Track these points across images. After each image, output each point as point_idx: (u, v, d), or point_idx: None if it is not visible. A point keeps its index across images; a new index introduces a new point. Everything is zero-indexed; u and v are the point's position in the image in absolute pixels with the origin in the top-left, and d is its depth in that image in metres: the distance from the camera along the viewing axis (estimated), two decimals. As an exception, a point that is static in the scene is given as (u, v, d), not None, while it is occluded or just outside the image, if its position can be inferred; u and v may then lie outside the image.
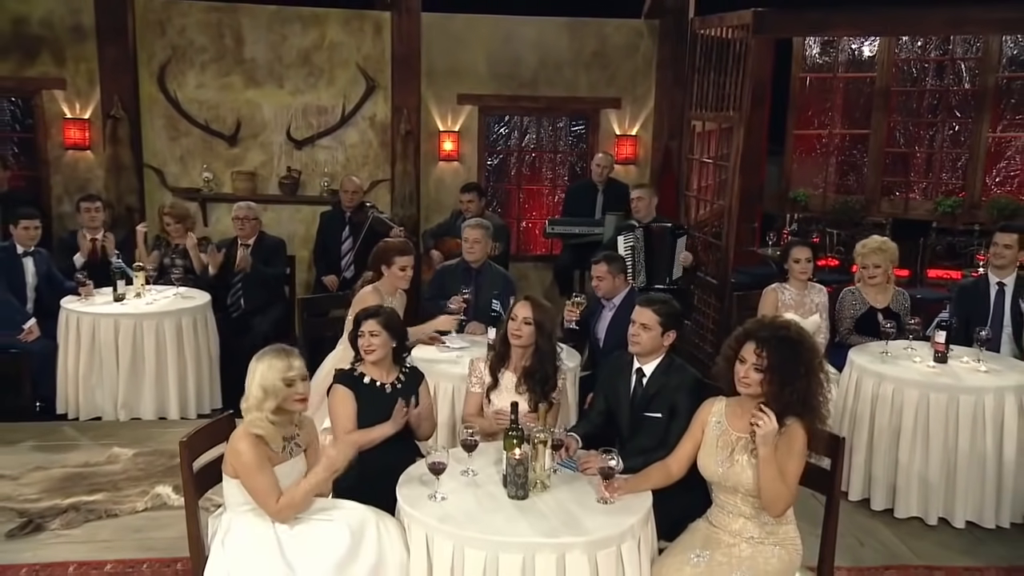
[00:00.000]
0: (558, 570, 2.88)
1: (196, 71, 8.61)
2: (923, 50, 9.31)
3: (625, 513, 3.11)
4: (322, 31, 8.64)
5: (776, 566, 3.23)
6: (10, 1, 8.40)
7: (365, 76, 8.65)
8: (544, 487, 3.26)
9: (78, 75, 8.52)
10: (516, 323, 3.94)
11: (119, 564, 4.19)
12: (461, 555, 2.91)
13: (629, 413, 3.84)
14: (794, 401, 3.15)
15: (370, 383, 3.80)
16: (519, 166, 9.39)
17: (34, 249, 6.43)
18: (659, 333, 3.80)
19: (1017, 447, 4.79)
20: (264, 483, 3.10)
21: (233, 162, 8.72)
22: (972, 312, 5.67)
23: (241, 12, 8.58)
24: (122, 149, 8.40)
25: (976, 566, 4.48)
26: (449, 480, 3.28)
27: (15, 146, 8.85)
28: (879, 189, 9.57)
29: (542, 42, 8.86)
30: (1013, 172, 9.09)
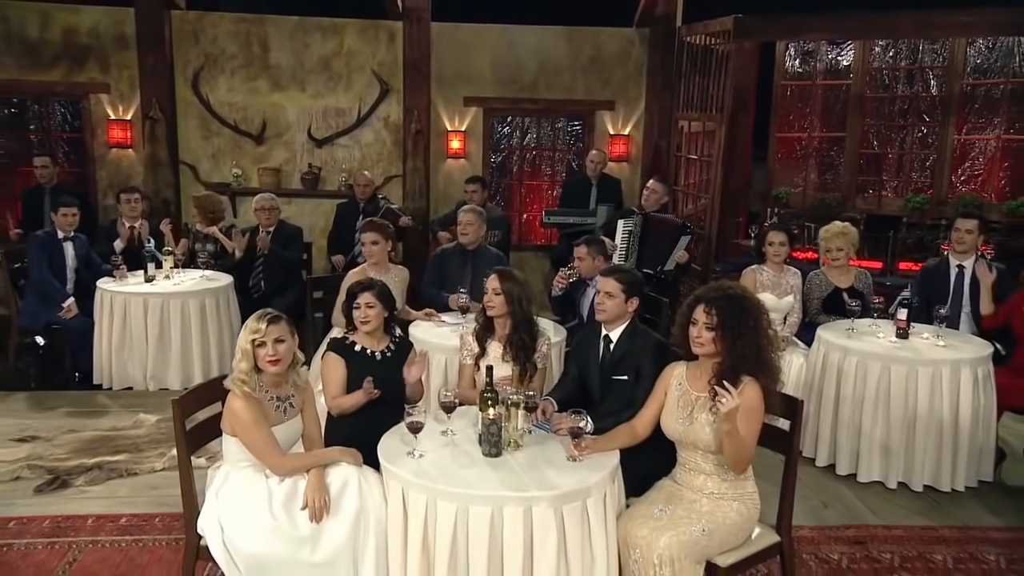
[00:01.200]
0: (525, 522, 2.76)
1: (226, 76, 8.57)
2: (894, 59, 9.15)
3: (592, 470, 2.98)
4: (340, 39, 8.58)
5: (735, 519, 3.11)
6: (61, 13, 8.40)
7: (379, 80, 8.59)
8: (517, 446, 3.15)
9: (121, 80, 8.50)
10: (488, 295, 3.86)
11: (134, 517, 4.11)
12: (434, 507, 2.80)
13: (599, 377, 3.72)
14: (747, 355, 3.04)
15: (361, 351, 3.68)
16: (520, 163, 9.28)
17: (73, 234, 6.35)
18: (623, 300, 3.69)
19: (972, 416, 4.65)
20: (261, 439, 3.01)
21: (259, 159, 8.68)
22: (934, 292, 5.52)
23: (267, 22, 8.54)
24: (159, 147, 8.38)
25: (931, 525, 4.33)
26: (428, 439, 3.18)
27: (65, 145, 8.82)
28: (854, 187, 9.42)
29: (542, 49, 8.76)
30: (976, 171, 8.93)
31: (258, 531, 2.90)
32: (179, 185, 8.46)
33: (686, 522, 3.02)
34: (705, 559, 3.04)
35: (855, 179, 9.40)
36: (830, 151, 9.72)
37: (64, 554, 3.78)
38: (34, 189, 7.63)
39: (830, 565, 3.90)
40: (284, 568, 2.89)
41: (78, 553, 3.78)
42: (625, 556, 3.01)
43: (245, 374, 3.05)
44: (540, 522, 2.77)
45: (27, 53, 8.41)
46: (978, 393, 4.66)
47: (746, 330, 3.05)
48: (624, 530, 3.02)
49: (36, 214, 7.41)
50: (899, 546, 4.09)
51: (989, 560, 3.98)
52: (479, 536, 2.75)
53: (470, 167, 8.73)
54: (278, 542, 2.88)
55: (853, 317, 5.10)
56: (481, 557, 2.75)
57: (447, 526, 2.77)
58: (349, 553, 2.96)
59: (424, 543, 2.82)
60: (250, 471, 3.06)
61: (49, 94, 8.64)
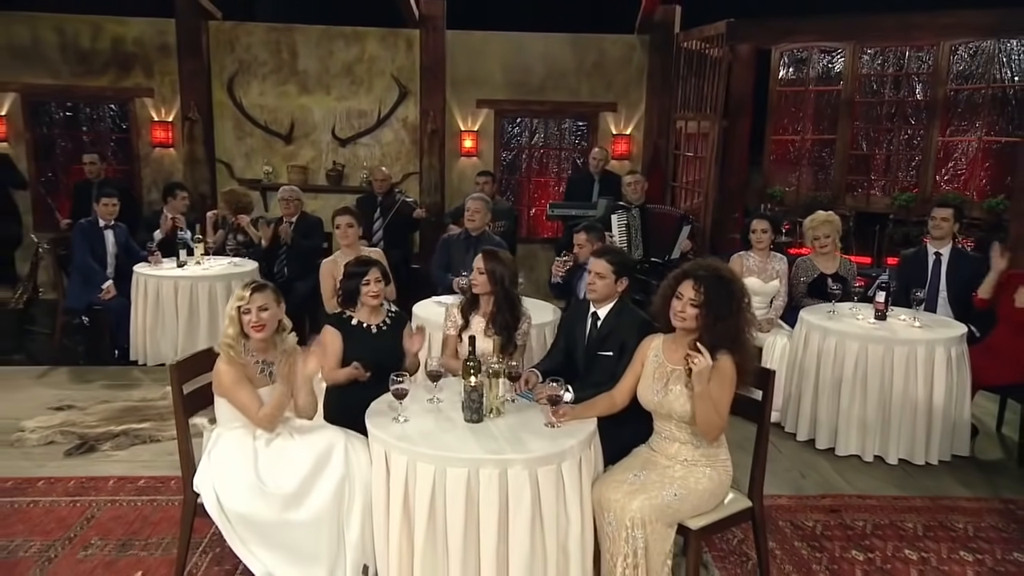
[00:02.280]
0: (500, 484, 2.63)
1: (258, 81, 8.52)
2: (882, 66, 8.94)
3: (568, 436, 2.83)
4: (363, 46, 8.50)
5: (707, 485, 2.95)
6: (110, 25, 8.40)
7: (398, 84, 8.50)
8: (499, 413, 3.01)
9: (163, 85, 8.48)
10: (474, 273, 3.72)
11: (151, 479, 4.04)
12: (414, 469, 2.67)
13: (584, 352, 3.57)
14: (725, 336, 2.88)
15: (357, 324, 3.55)
16: (529, 161, 9.13)
17: (114, 223, 6.30)
18: (612, 280, 3.54)
19: (946, 393, 4.46)
20: (244, 397, 2.91)
21: (288, 157, 8.62)
22: (913, 279, 5.30)
23: (295, 31, 8.47)
24: (197, 146, 8.35)
25: (904, 495, 4.15)
26: (415, 406, 3.05)
27: (113, 144, 8.80)
28: (844, 186, 9.20)
29: (549, 54, 8.62)
30: (959, 171, 8.70)
31: (246, 490, 2.79)
32: (215, 181, 8.42)
33: (659, 487, 2.88)
34: (677, 522, 2.89)
35: (845, 178, 9.19)
36: (821, 152, 9.52)
37: (84, 511, 3.71)
38: (83, 183, 7.59)
39: (804, 531, 3.74)
40: (272, 526, 2.78)
41: (97, 511, 3.71)
42: (600, 519, 2.87)
43: (232, 339, 2.95)
44: (515, 484, 2.64)
45: (80, 61, 8.42)
46: (952, 372, 4.47)
47: (729, 313, 2.88)
48: (599, 494, 2.88)
49: (85, 206, 7.34)
50: (872, 514, 3.93)
51: (957, 528, 3.80)
52: (456, 497, 2.62)
53: (482, 165, 8.59)
54: (264, 501, 2.78)
55: (834, 300, 4.92)
56: (458, 517, 2.62)
57: (426, 487, 2.64)
58: (335, 513, 2.85)
59: (405, 503, 2.70)
60: (240, 432, 2.96)
61: (99, 98, 8.63)
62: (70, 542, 3.44)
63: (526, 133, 9.04)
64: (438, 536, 2.67)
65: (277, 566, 2.78)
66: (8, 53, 8.35)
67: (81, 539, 3.46)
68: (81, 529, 3.55)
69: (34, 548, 3.39)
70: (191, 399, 3.05)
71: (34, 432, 4.59)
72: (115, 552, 3.36)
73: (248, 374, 2.96)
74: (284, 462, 2.86)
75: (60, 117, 8.75)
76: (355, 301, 3.59)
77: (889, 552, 3.57)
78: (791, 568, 3.42)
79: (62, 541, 3.44)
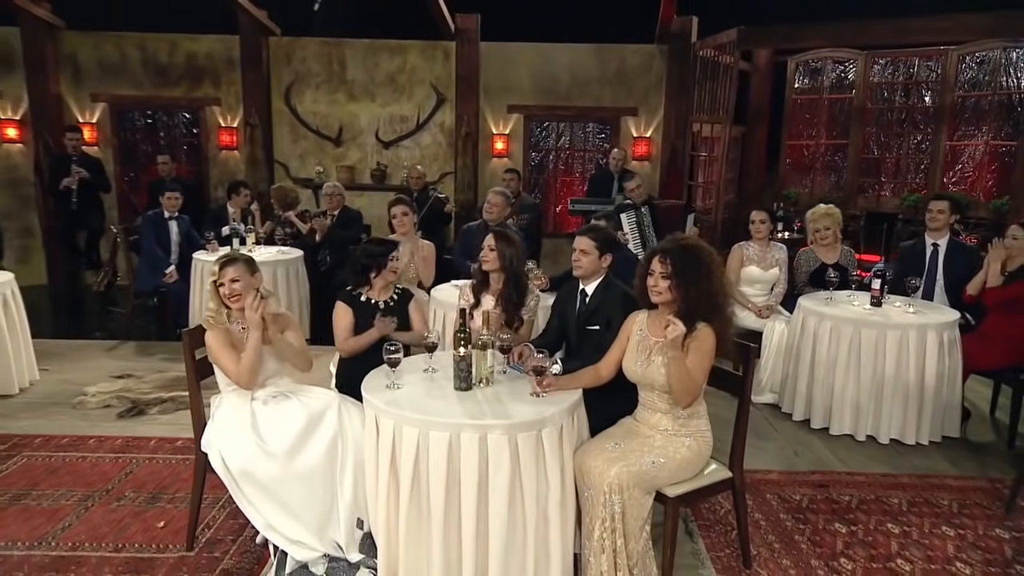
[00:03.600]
0: (480, 448, 2.48)
1: (311, 90, 8.51)
2: (893, 75, 8.54)
3: (550, 405, 2.67)
4: (404, 58, 8.42)
5: (685, 454, 2.76)
6: (184, 42, 8.49)
7: (436, 92, 8.40)
8: (488, 383, 2.86)
9: (229, 94, 8.53)
10: (484, 251, 3.58)
11: (188, 440, 3.91)
12: (400, 432, 2.54)
13: (575, 327, 3.39)
14: (700, 300, 2.69)
15: (366, 300, 3.45)
16: (556, 162, 8.92)
17: (177, 215, 6.34)
18: (597, 256, 3.36)
19: (937, 376, 4.17)
20: (225, 360, 2.85)
21: (338, 158, 8.59)
22: (911, 269, 4.98)
23: (345, 45, 8.43)
24: (257, 149, 8.38)
25: (892, 473, 3.88)
26: (411, 374, 2.92)
27: (186, 147, 8.90)
28: (855, 187, 8.83)
29: (574, 63, 8.42)
30: (966, 174, 8.27)
31: (244, 448, 2.70)
32: (273, 180, 8.40)
33: (637, 455, 2.70)
34: (655, 489, 2.71)
35: (857, 180, 8.82)
36: (834, 156, 9.16)
37: (124, 467, 3.70)
38: (157, 181, 7.67)
39: (791, 505, 3.51)
40: (270, 481, 2.69)
41: (135, 467, 3.69)
42: (580, 485, 2.70)
43: (213, 312, 2.91)
44: (494, 448, 2.48)
45: (159, 74, 8.54)
46: (943, 356, 4.18)
47: (698, 277, 2.69)
48: (580, 460, 2.71)
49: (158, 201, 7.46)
50: (858, 490, 3.67)
51: (942, 505, 3.53)
52: (438, 459, 2.48)
53: (512, 165, 8.42)
54: (262, 458, 2.69)
55: (832, 288, 4.65)
56: (440, 478, 2.48)
57: (410, 450, 2.50)
58: (328, 470, 2.75)
59: (392, 465, 2.57)
60: (235, 395, 2.88)
61: (174, 107, 8.73)
62: (107, 493, 3.42)
63: (553, 136, 8.84)
64: (422, 497, 2.53)
65: (275, 519, 2.69)
66: (99, 68, 8.51)
67: (117, 491, 3.44)
68: (119, 482, 3.53)
69: (75, 497, 3.38)
70: (203, 364, 2.98)
71: (94, 396, 4.63)
72: (145, 503, 3.33)
73: (234, 340, 2.88)
74: (280, 421, 2.76)
75: (141, 124, 8.88)
76: (367, 278, 3.48)
77: (872, 526, 3.33)
78: (774, 538, 3.21)
79: (100, 492, 3.43)
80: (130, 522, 3.17)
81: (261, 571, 2.80)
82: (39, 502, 3.33)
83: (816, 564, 3.02)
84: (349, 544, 2.76)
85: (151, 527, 3.12)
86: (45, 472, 3.62)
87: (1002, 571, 2.99)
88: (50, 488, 3.46)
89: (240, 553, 2.92)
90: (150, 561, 2.88)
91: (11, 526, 3.13)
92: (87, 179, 7.43)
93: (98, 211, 7.89)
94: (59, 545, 2.99)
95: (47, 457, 3.80)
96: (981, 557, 3.08)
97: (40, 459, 3.77)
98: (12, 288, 4.83)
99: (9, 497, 3.38)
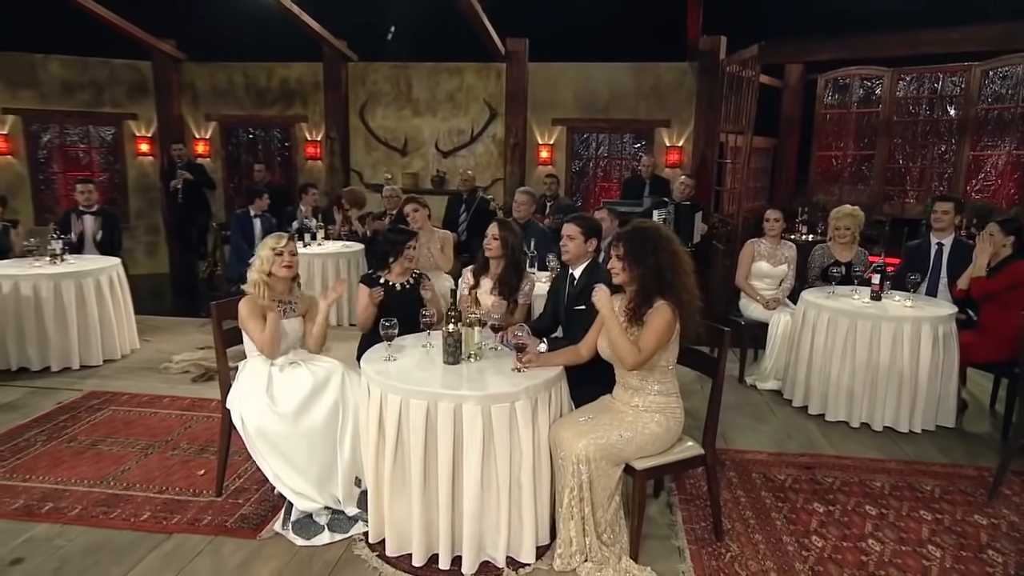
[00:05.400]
0: (455, 416, 2.37)
1: (382, 107, 8.55)
2: (918, 90, 7.90)
3: (525, 379, 2.52)
4: (462, 78, 8.36)
5: (654, 430, 2.57)
6: (279, 69, 8.72)
7: (489, 107, 8.30)
8: (477, 358, 2.74)
9: (314, 113, 8.69)
10: (488, 239, 3.45)
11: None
12: (386, 398, 2.46)
13: (565, 309, 3.23)
14: (651, 277, 2.50)
15: (384, 283, 3.39)
16: (595, 169, 8.66)
17: (261, 214, 6.51)
18: (582, 241, 3.19)
19: (931, 368, 3.79)
20: (252, 327, 2.82)
21: (403, 166, 8.60)
22: (917, 266, 4.56)
23: (411, 68, 8.44)
24: (336, 159, 8.52)
25: (880, 458, 3.53)
26: (409, 348, 2.85)
27: (279, 158, 9.14)
28: (881, 195, 8.22)
29: (613, 80, 8.14)
30: (988, 183, 7.60)
31: (258, 408, 2.68)
32: (349, 185, 8.52)
33: (607, 428, 2.53)
34: (623, 462, 2.54)
35: (882, 188, 8.23)
36: (861, 166, 8.57)
37: (185, 423, 3.77)
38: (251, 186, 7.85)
39: (774, 484, 3.24)
40: (278, 438, 2.65)
41: (194, 423, 3.76)
42: (555, 454, 2.56)
43: (262, 280, 2.86)
44: (468, 417, 2.37)
45: (258, 96, 8.79)
46: (938, 348, 3.79)
47: (646, 256, 2.50)
48: (554, 432, 2.56)
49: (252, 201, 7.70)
50: (843, 472, 3.36)
51: (924, 490, 3.18)
52: (417, 425, 2.38)
53: (555, 172, 8.26)
54: (271, 417, 2.65)
55: (834, 282, 4.31)
56: (419, 442, 2.39)
57: (393, 415, 2.42)
58: (329, 431, 2.70)
59: (380, 428, 2.49)
60: (258, 361, 2.85)
61: (270, 124, 8.97)
62: (166, 444, 3.50)
63: (593, 146, 8.59)
64: (404, 458, 2.45)
65: (282, 471, 2.66)
66: (212, 93, 8.85)
67: (174, 442, 3.51)
68: (177, 435, 3.60)
69: (140, 446, 3.47)
70: (229, 333, 2.99)
71: (177, 364, 4.77)
72: (193, 454, 3.38)
73: (265, 310, 2.85)
74: (290, 386, 2.73)
75: (244, 139, 9.18)
76: (387, 263, 3.43)
77: (850, 507, 3.03)
78: (751, 514, 2.96)
79: (160, 443, 3.51)
80: (177, 469, 3.22)
81: (274, 517, 2.78)
82: (111, 448, 3.44)
83: (787, 540, 2.76)
84: (347, 499, 2.70)
85: (193, 474, 3.16)
86: (123, 424, 3.74)
87: (973, 556, 2.66)
88: (123, 437, 3.57)
89: (259, 501, 2.92)
90: (184, 503, 2.91)
91: (83, 466, 3.23)
92: (190, 180, 7.75)
93: (204, 210, 8.21)
94: (115, 484, 3.06)
95: (127, 411, 3.92)
96: (955, 541, 2.75)
97: (122, 413, 3.90)
98: (118, 271, 5.04)
99: (89, 442, 3.50)
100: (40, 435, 3.57)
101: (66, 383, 4.36)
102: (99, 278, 4.78)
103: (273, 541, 2.65)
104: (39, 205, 8.54)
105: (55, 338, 4.55)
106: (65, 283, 4.58)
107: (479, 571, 2.47)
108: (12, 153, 8.34)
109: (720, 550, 2.68)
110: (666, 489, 3.13)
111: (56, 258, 4.84)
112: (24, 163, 8.44)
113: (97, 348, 4.74)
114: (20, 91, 8.28)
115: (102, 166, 8.90)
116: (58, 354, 4.59)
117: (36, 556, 2.54)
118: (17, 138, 8.35)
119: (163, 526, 2.73)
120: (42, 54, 8.28)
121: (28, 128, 8.40)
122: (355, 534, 2.67)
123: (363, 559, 2.54)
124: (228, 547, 2.60)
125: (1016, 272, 3.84)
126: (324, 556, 2.57)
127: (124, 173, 8.89)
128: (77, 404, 4.01)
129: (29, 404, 4.00)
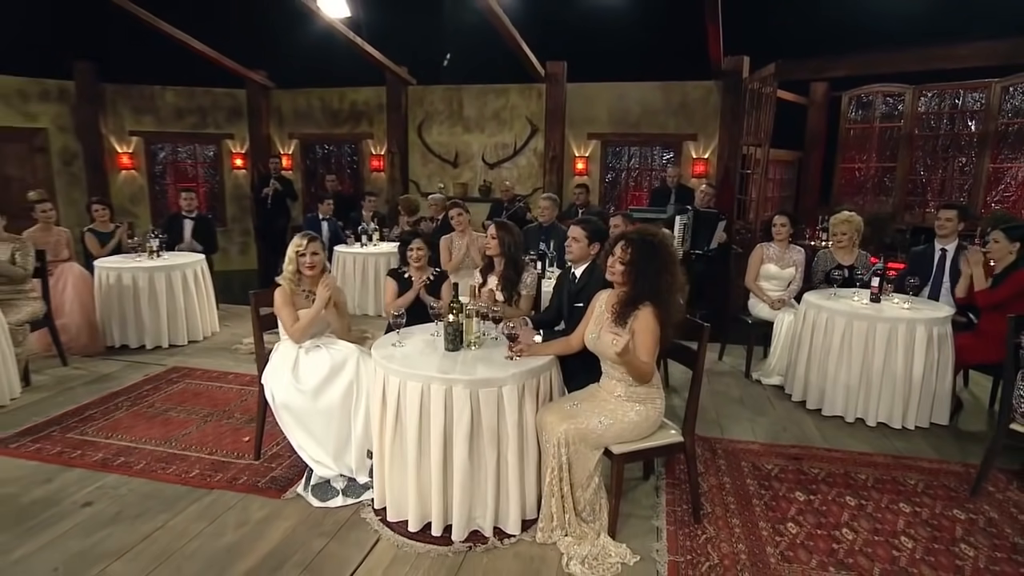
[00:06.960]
0: (446, 398, 2.35)
1: (437, 125, 8.65)
2: (939, 105, 7.36)
3: (514, 367, 2.48)
4: (506, 98, 8.35)
5: (633, 418, 2.48)
6: (349, 93, 8.97)
7: (530, 124, 8.26)
8: (477, 346, 2.72)
9: (379, 131, 8.88)
10: (487, 239, 3.42)
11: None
12: (388, 380, 2.46)
13: (566, 306, 3.17)
14: (646, 290, 2.40)
15: (408, 277, 3.43)
16: (627, 179, 8.48)
17: (328, 217, 6.70)
18: (586, 244, 3.11)
19: (925, 367, 3.52)
20: (286, 315, 2.87)
21: (455, 177, 8.67)
22: (920, 271, 4.25)
23: (462, 90, 8.50)
24: (396, 171, 8.66)
25: (868, 452, 3.30)
26: (417, 336, 2.85)
27: (349, 171, 9.38)
28: (903, 205, 7.71)
29: (644, 98, 7.95)
30: (1007, 194, 7.03)
31: (283, 385, 2.75)
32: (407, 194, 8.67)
33: (588, 415, 2.46)
34: (602, 446, 2.46)
35: (904, 199, 7.73)
36: (883, 178, 8.06)
37: (243, 396, 3.91)
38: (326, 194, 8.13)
39: (760, 472, 3.07)
40: (300, 412, 2.72)
41: (247, 397, 3.88)
42: (540, 436, 2.51)
43: (291, 273, 2.92)
44: (457, 400, 2.35)
45: (331, 116, 9.07)
46: (932, 348, 3.51)
47: (650, 272, 2.39)
48: (540, 416, 2.51)
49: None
50: (830, 464, 3.15)
51: (908, 484, 2.94)
52: (412, 405, 2.38)
53: (591, 182, 8.14)
54: (293, 393, 2.72)
55: (835, 285, 4.07)
56: (414, 420, 2.38)
57: (393, 395, 2.43)
58: (346, 408, 2.73)
59: (383, 408, 2.49)
60: (288, 343, 2.91)
61: (342, 141, 9.23)
62: (223, 413, 3.64)
63: (625, 158, 8.41)
64: (402, 435, 2.44)
65: (304, 442, 2.73)
66: (294, 115, 9.20)
67: (229, 412, 3.65)
68: (234, 407, 3.74)
69: (202, 414, 3.62)
70: (266, 320, 3.08)
71: (246, 345, 4.95)
72: (244, 423, 3.50)
73: (296, 300, 2.91)
74: (311, 366, 2.78)
75: (320, 154, 9.49)
76: (406, 260, 3.48)
77: (831, 497, 2.83)
78: (732, 500, 2.82)
79: (219, 412, 3.65)
80: (228, 435, 3.35)
81: (299, 480, 2.85)
82: (178, 414, 3.61)
83: (763, 526, 2.61)
84: (359, 469, 2.74)
85: (239, 440, 3.27)
86: (192, 395, 3.93)
87: (945, 548, 2.44)
88: (190, 405, 3.74)
89: (289, 466, 2.99)
90: (226, 464, 3.02)
91: (153, 429, 3.41)
92: (279, 190, 8.07)
93: (285, 215, 8.51)
94: (176, 445, 3.21)
95: (198, 384, 4.11)
96: (928, 534, 2.53)
97: (193, 385, 4.10)
98: (202, 266, 5.28)
99: (163, 409, 3.68)
100: (126, 401, 3.80)
101: (155, 359, 4.61)
102: (186, 271, 5.03)
103: (294, 501, 2.71)
104: (155, 211, 9.10)
105: (149, 321, 4.83)
106: (158, 275, 4.84)
107: (468, 539, 2.45)
108: (136, 168, 8.92)
109: (696, 531, 2.57)
110: (656, 473, 3.03)
111: (153, 254, 5.14)
112: (144, 176, 9.02)
113: (183, 330, 5.00)
114: (143, 116, 8.85)
115: (205, 178, 9.40)
116: (151, 334, 4.86)
117: (103, 501, 2.70)
118: (140, 156, 8.93)
119: (207, 482, 2.84)
120: (160, 86, 8.83)
121: (148, 147, 8.98)
122: (365, 499, 2.70)
123: (367, 522, 2.57)
124: (256, 504, 2.68)
125: (1021, 280, 3.50)
126: (335, 516, 2.61)
127: (222, 184, 9.37)
128: (160, 377, 4.23)
129: (123, 376, 4.26)
